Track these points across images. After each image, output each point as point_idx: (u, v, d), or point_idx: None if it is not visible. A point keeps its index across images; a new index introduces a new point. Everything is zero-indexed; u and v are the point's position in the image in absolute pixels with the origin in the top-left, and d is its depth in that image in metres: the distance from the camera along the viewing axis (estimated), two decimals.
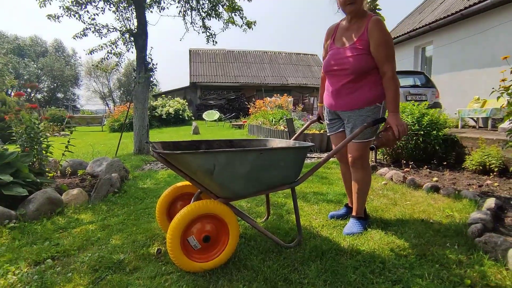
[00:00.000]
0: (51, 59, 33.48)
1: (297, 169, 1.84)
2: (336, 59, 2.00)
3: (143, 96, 6.22)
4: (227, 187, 1.66)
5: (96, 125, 16.40)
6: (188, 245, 1.57)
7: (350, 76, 1.94)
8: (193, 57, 21.72)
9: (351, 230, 2.04)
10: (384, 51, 1.87)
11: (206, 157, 1.54)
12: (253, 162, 1.63)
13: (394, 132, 1.83)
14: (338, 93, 2.04)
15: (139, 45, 6.21)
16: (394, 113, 1.86)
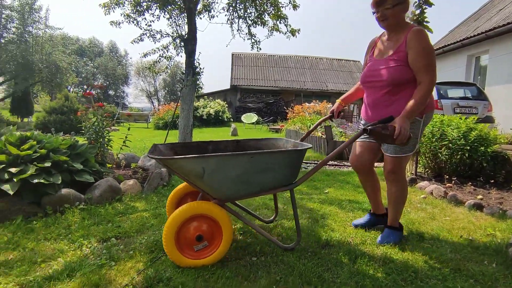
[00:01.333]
0: (105, 59, 36.40)
1: (293, 171, 1.85)
2: (372, 71, 2.01)
3: (190, 98, 6.64)
4: (219, 189, 1.73)
5: (142, 122, 17.52)
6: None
7: (387, 88, 1.95)
8: (235, 61, 22.34)
9: (386, 240, 2.07)
10: (422, 61, 1.82)
11: (195, 162, 1.61)
12: (244, 166, 1.68)
13: (396, 130, 1.72)
14: (374, 105, 2.05)
15: (188, 50, 6.65)
16: (406, 117, 1.77)
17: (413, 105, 1.78)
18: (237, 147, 2.28)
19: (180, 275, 1.60)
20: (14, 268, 1.65)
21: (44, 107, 11.52)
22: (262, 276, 1.62)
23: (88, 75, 34.94)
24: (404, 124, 1.74)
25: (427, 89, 1.81)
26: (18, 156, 2.53)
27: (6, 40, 14.58)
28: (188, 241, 1.70)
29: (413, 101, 1.79)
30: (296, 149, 1.84)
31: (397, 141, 1.73)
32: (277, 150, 1.80)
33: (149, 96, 43.58)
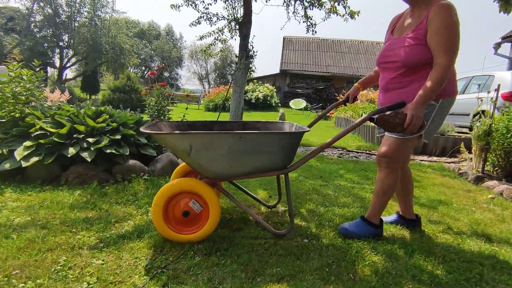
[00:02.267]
0: (162, 42, 38.22)
1: (286, 155, 1.78)
2: (389, 51, 1.82)
3: (242, 81, 6.75)
4: (207, 168, 1.72)
5: (194, 103, 18.29)
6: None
7: (400, 69, 1.75)
8: (286, 45, 21.95)
9: (349, 228, 1.91)
10: (440, 39, 1.59)
11: (182, 138, 1.63)
12: (232, 146, 1.66)
13: (407, 118, 1.56)
14: (386, 89, 1.86)
15: (243, 33, 6.70)
16: (420, 103, 1.59)
17: (427, 90, 1.59)
18: (244, 128, 2.25)
19: (236, 247, 1.69)
20: (94, 224, 1.88)
21: (109, 86, 12.59)
22: (314, 257, 1.65)
23: (146, 57, 37.13)
24: (417, 111, 1.57)
25: (443, 73, 1.58)
26: (94, 128, 2.83)
27: (79, 24, 16.06)
28: (175, 215, 1.73)
29: (427, 85, 1.60)
30: (287, 132, 1.76)
31: (408, 130, 1.57)
32: (266, 131, 1.70)
33: (200, 79, 45.09)
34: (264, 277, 1.44)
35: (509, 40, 10.19)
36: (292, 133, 1.76)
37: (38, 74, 3.14)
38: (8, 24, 14.97)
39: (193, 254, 1.60)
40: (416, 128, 1.58)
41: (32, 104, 3.00)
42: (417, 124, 1.57)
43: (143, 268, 1.45)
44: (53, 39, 16.07)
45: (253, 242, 1.77)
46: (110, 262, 1.48)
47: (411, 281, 1.50)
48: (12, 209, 2.02)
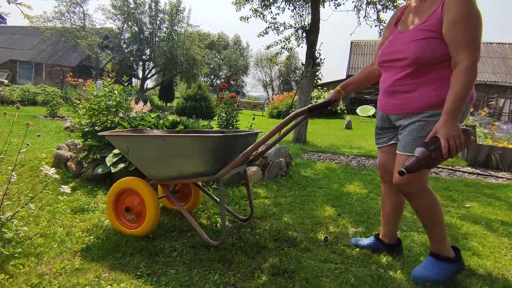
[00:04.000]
0: (230, 51, 40.14)
1: (211, 159, 1.72)
2: (393, 46, 1.53)
3: (308, 89, 6.65)
4: (142, 169, 1.86)
5: (258, 110, 18.68)
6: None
7: (409, 68, 1.45)
8: (354, 49, 21.06)
9: (421, 273, 1.55)
10: (462, 30, 1.30)
11: (120, 140, 1.81)
12: (158, 148, 1.71)
13: (442, 147, 1.23)
14: (390, 91, 1.55)
15: (310, 40, 6.61)
16: (449, 117, 1.27)
17: (454, 99, 1.28)
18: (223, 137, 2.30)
19: (303, 270, 1.62)
20: (168, 231, 2.01)
21: (182, 94, 13.65)
22: None
23: (215, 66, 39.41)
24: (451, 130, 1.25)
25: (469, 74, 1.29)
26: None
27: (159, 39, 17.87)
28: (122, 210, 1.91)
29: (453, 93, 1.30)
30: (210, 135, 1.74)
31: (451, 156, 1.27)
32: (186, 134, 1.73)
33: (264, 86, 46.02)
34: None
35: None
36: (214, 137, 1.73)
37: (126, 88, 3.53)
38: (104, 42, 17.44)
39: (260, 273, 1.58)
40: (461, 148, 1.27)
41: (120, 115, 3.38)
42: (460, 144, 1.25)
43: (213, 283, 1.47)
44: (138, 53, 18.20)
45: (321, 265, 1.68)
46: (182, 273, 1.55)
47: None
48: (102, 210, 2.28)
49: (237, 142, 1.88)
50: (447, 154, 1.24)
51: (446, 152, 1.24)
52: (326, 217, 2.42)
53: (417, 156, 1.27)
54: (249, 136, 2.02)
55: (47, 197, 2.39)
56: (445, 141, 1.24)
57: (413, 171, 1.28)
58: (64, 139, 4.35)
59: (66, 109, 9.20)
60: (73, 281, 1.41)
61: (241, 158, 1.74)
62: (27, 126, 1.68)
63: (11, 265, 1.48)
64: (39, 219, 2.03)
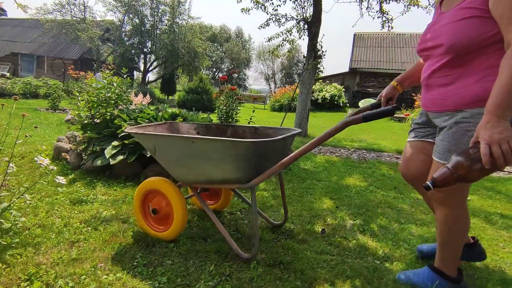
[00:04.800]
0: (232, 44, 39.87)
1: (244, 166, 1.55)
2: (432, 31, 1.31)
3: (309, 82, 6.60)
4: (169, 170, 1.77)
5: (260, 103, 18.61)
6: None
7: (446, 56, 1.21)
8: (357, 42, 20.82)
9: (411, 279, 1.43)
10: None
11: (147, 138, 1.73)
12: (184, 150, 1.61)
13: (482, 154, 0.97)
14: (427, 84, 1.35)
15: (312, 32, 6.53)
16: (492, 116, 1.00)
17: (501, 91, 1.00)
18: (255, 134, 2.13)
19: (299, 261, 1.63)
20: None
21: (183, 87, 13.61)
22: (387, 283, 1.48)
23: (217, 59, 39.19)
24: (495, 134, 0.97)
25: None
26: None
27: (160, 31, 17.73)
28: (149, 211, 1.82)
29: (499, 84, 1.02)
30: (241, 141, 1.49)
31: (496, 167, 0.98)
32: (216, 138, 1.53)
33: (267, 79, 45.80)
34: None
35: None
36: (248, 142, 1.49)
37: (125, 81, 3.52)
38: (105, 35, 17.34)
39: (256, 265, 1.58)
40: (509, 160, 0.96)
41: (119, 108, 3.37)
42: (509, 150, 0.96)
43: (208, 274, 1.48)
44: (139, 46, 18.05)
45: (318, 257, 1.68)
46: (179, 263, 1.55)
47: None
48: (101, 202, 2.29)
49: (273, 146, 1.67)
50: (489, 163, 0.97)
51: (487, 161, 0.96)
52: (324, 210, 2.42)
53: (449, 168, 1.02)
54: (287, 139, 1.75)
55: (46, 189, 2.41)
56: (486, 147, 0.98)
57: (443, 185, 1.04)
58: (65, 132, 4.36)
59: (67, 102, 9.21)
60: (70, 271, 1.42)
61: (278, 168, 1.56)
62: (22, 117, 1.68)
63: (8, 255, 1.50)
64: (38, 210, 2.04)
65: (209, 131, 2.20)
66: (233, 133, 2.17)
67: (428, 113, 1.39)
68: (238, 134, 2.17)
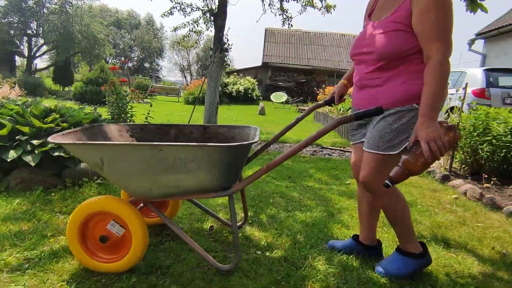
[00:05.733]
0: (142, 32, 37.03)
1: (223, 172, 1.42)
2: (363, 39, 1.47)
3: (216, 75, 6.54)
4: (124, 186, 1.46)
5: (174, 96, 17.84)
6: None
7: (377, 62, 1.39)
8: (268, 37, 21.70)
9: (386, 268, 1.57)
10: (432, 20, 1.23)
11: (90, 150, 1.35)
12: (150, 160, 1.35)
13: (423, 151, 1.20)
14: (360, 85, 1.51)
15: (218, 25, 6.47)
16: (426, 119, 1.22)
17: (429, 97, 1.24)
18: (204, 133, 1.96)
19: (180, 264, 1.57)
20: (25, 240, 1.71)
21: (82, 78, 12.04)
22: (263, 273, 1.55)
23: (125, 47, 35.90)
24: (429, 131, 1.20)
25: (443, 68, 1.23)
26: (41, 128, 2.60)
27: (48, 11, 15.19)
28: (94, 241, 1.49)
29: (427, 92, 1.25)
30: (220, 145, 1.33)
31: (436, 158, 1.21)
32: (196, 144, 1.35)
33: (182, 70, 44.18)
34: None
35: (482, 37, 10.41)
36: (226, 147, 1.35)
37: None
38: None
39: (129, 275, 1.46)
40: (445, 147, 1.20)
41: None
42: (442, 145, 1.19)
43: None
44: (19, 26, 15.13)
45: (200, 257, 1.65)
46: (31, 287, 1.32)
47: None
48: None
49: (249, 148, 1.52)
50: (430, 157, 1.19)
51: (428, 156, 1.18)
52: (218, 205, 2.42)
53: (400, 166, 1.22)
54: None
55: None
56: (425, 144, 1.19)
57: (399, 180, 1.23)
58: None
59: None
60: None
61: (265, 170, 1.42)
62: None
63: None
64: None
65: (146, 133, 1.92)
66: (179, 133, 1.95)
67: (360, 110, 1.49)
68: (185, 135, 1.96)
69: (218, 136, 1.97)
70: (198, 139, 1.98)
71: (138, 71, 38.14)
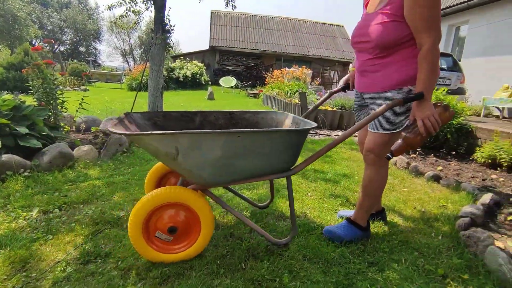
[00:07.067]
0: (74, 11, 33.36)
1: (290, 155, 1.52)
2: (361, 28, 1.61)
3: (159, 58, 6.22)
4: (197, 174, 1.42)
5: (115, 82, 16.61)
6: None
7: (374, 50, 1.53)
8: (214, 20, 21.12)
9: (332, 231, 1.74)
10: (422, 12, 1.35)
11: (165, 140, 1.30)
12: (228, 146, 1.36)
13: (419, 127, 1.40)
14: (362, 70, 1.67)
15: (158, 4, 6.09)
16: (423, 101, 1.40)
17: (426, 78, 1.39)
18: (230, 119, 1.96)
19: (121, 250, 1.52)
20: None
21: (1, 63, 10.56)
22: (208, 249, 1.57)
23: (55, 29, 32.10)
24: (424, 111, 1.38)
25: (433, 55, 1.37)
26: None
27: None
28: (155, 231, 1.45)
29: (421, 76, 1.40)
30: (297, 129, 1.45)
31: (431, 133, 1.41)
32: (272, 129, 1.41)
33: (123, 55, 41.12)
34: (146, 281, 1.31)
35: None
36: (301, 131, 1.46)
37: None
38: None
39: (66, 265, 1.38)
40: (439, 125, 1.38)
41: None
42: (435, 122, 1.37)
43: None
44: None
45: None
46: None
47: (302, 262, 1.53)
48: None
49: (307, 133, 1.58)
50: (426, 132, 1.39)
51: (423, 131, 1.39)
52: None
53: (401, 142, 1.47)
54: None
55: None
56: (420, 121, 1.39)
57: (399, 154, 1.51)
58: None
59: None
60: None
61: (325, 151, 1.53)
62: None
63: None
64: None
65: (170, 120, 1.84)
66: (204, 120, 1.92)
67: (364, 94, 1.73)
68: (210, 121, 1.94)
69: (244, 121, 2.01)
70: (223, 125, 1.98)
71: (73, 56, 34.61)
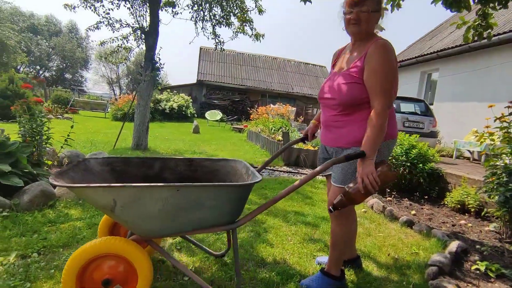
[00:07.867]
0: (64, 40, 33.76)
1: (234, 208, 1.54)
2: (328, 86, 1.75)
3: (147, 94, 6.39)
4: (135, 225, 1.43)
5: (100, 111, 16.56)
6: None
7: (338, 108, 1.66)
8: (203, 55, 21.91)
9: (309, 285, 1.80)
10: (377, 80, 1.53)
11: (104, 192, 1.33)
12: (168, 200, 1.38)
13: (358, 184, 1.46)
14: (327, 125, 1.79)
15: (149, 44, 6.38)
16: (366, 159, 1.47)
17: (370, 138, 1.49)
18: (190, 166, 2.00)
19: None
20: None
21: None
22: None
23: (42, 55, 32.16)
24: (366, 169, 1.45)
25: (381, 118, 1.50)
26: None
27: None
28: (95, 286, 1.42)
29: (366, 136, 1.51)
30: (239, 184, 1.50)
31: (371, 191, 1.45)
32: (214, 184, 1.45)
33: (110, 83, 41.29)
34: None
35: None
36: (244, 185, 1.49)
37: None
38: None
39: None
40: (379, 183, 1.43)
41: None
42: (375, 180, 1.42)
43: None
44: None
45: None
46: None
47: None
48: None
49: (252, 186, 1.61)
50: (364, 189, 1.44)
51: (362, 188, 1.44)
52: None
53: (342, 196, 1.50)
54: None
55: None
56: (360, 179, 1.46)
57: (341, 207, 1.52)
58: None
59: None
60: None
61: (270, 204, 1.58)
62: None
63: None
64: None
65: (130, 166, 1.86)
66: (164, 166, 1.93)
67: (327, 148, 1.84)
68: (170, 168, 1.95)
69: (203, 168, 2.03)
70: (183, 172, 2.00)
71: (58, 82, 34.44)
